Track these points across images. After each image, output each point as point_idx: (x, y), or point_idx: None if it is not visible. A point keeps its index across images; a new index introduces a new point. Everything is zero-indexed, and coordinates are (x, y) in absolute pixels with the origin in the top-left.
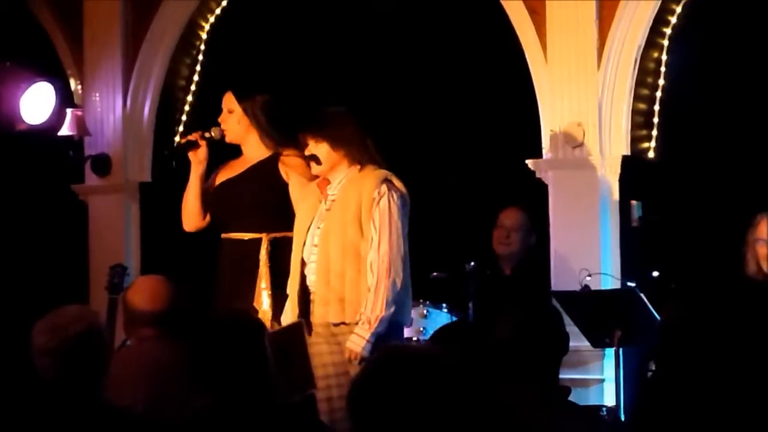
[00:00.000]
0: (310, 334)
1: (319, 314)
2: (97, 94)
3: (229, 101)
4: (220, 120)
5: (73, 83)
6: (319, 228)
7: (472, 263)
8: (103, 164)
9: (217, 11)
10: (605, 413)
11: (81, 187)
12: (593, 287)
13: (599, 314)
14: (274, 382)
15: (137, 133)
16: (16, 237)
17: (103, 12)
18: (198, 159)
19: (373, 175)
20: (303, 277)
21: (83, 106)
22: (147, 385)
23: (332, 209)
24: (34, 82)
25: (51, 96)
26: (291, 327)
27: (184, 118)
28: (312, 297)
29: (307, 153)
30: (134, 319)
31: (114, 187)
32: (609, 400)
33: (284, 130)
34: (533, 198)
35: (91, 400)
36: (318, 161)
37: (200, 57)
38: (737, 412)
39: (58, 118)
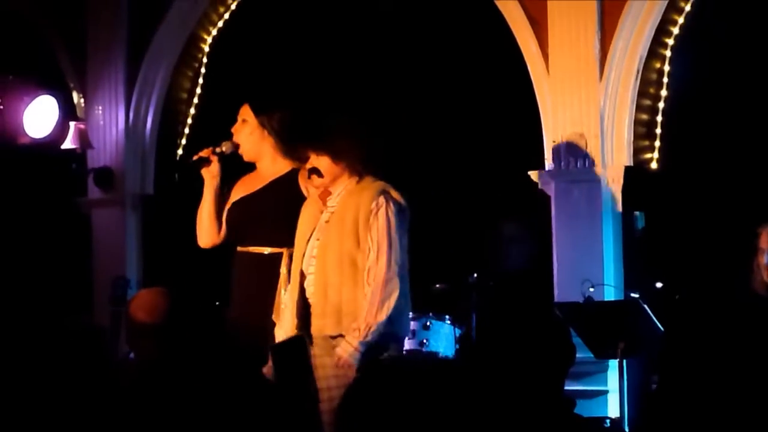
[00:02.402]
0: (310, 345)
1: (317, 327)
2: (100, 108)
3: (244, 112)
4: (233, 130)
5: (75, 96)
6: (318, 240)
7: (475, 275)
8: (105, 177)
9: (219, 24)
10: (609, 425)
11: (84, 201)
12: (596, 298)
13: (602, 325)
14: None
15: (140, 146)
16: (20, 250)
17: (105, 25)
18: (211, 174)
19: (371, 187)
20: (302, 289)
21: (86, 119)
22: None
23: (331, 221)
24: (37, 96)
25: (54, 109)
26: (293, 340)
27: (186, 130)
28: (312, 309)
29: (308, 166)
30: (135, 331)
31: (116, 201)
32: (613, 411)
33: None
34: (536, 209)
35: None
36: (319, 174)
37: (202, 70)
38: (740, 422)
39: (61, 131)
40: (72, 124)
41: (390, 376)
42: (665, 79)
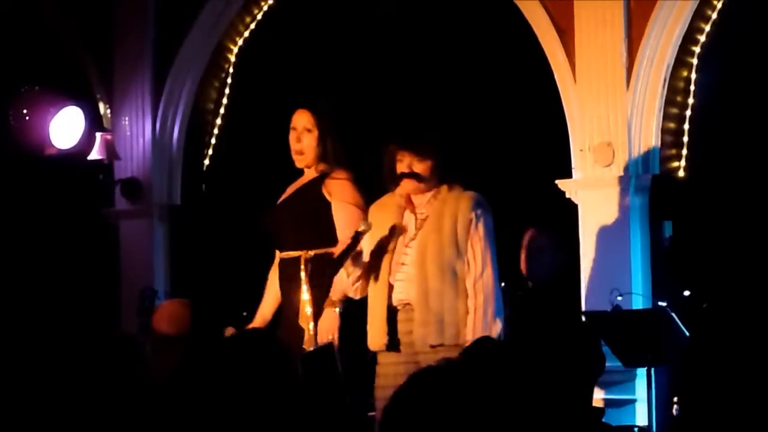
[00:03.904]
0: (397, 350)
1: (417, 335)
2: (127, 118)
3: (305, 120)
4: (294, 138)
5: (102, 107)
6: (408, 247)
7: (503, 284)
8: (132, 188)
9: (246, 34)
10: None
11: (111, 212)
12: (624, 307)
13: (631, 334)
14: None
15: (166, 157)
16: (48, 261)
17: (131, 36)
18: None
19: (465, 196)
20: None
21: (112, 130)
22: None
23: (424, 229)
24: (64, 107)
25: (80, 120)
26: (323, 347)
27: (213, 140)
28: (400, 316)
29: (405, 170)
30: (159, 343)
31: (144, 211)
32: (641, 420)
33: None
34: (563, 218)
35: None
36: (420, 179)
37: (229, 80)
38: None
39: (87, 142)
40: (98, 134)
41: (429, 383)
42: (692, 88)
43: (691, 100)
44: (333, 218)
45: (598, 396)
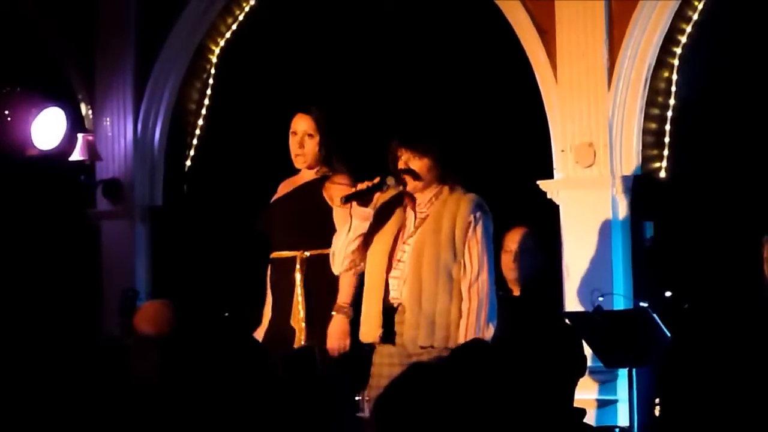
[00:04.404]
0: (392, 342)
1: (408, 337)
2: (108, 119)
3: (306, 125)
4: (296, 143)
5: (83, 108)
6: (406, 244)
7: None
8: (114, 189)
9: (227, 35)
10: None
11: (92, 213)
12: (606, 307)
13: (612, 334)
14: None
15: (148, 158)
16: (29, 262)
17: (113, 36)
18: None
19: (466, 198)
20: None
21: (94, 130)
22: None
23: (423, 228)
24: (45, 108)
25: (62, 121)
26: (303, 350)
27: (195, 141)
28: (398, 316)
29: (402, 167)
30: (140, 344)
31: (125, 212)
32: (623, 420)
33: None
34: (545, 219)
35: None
36: (416, 176)
37: (211, 81)
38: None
39: (69, 142)
40: (80, 135)
41: (417, 381)
42: (673, 88)
43: (672, 101)
44: (332, 221)
45: (588, 397)
